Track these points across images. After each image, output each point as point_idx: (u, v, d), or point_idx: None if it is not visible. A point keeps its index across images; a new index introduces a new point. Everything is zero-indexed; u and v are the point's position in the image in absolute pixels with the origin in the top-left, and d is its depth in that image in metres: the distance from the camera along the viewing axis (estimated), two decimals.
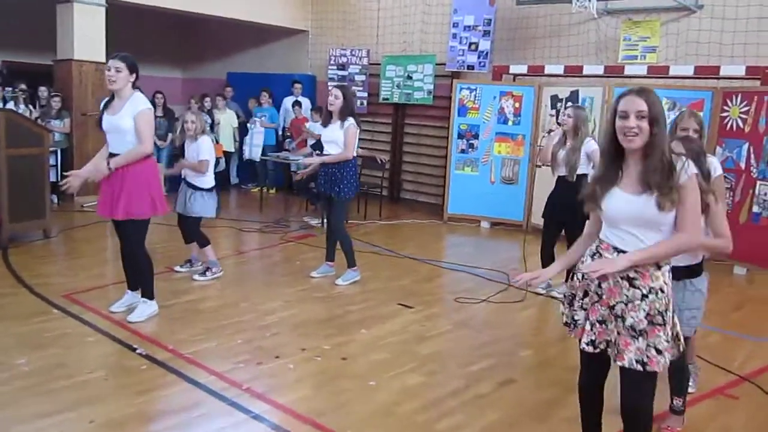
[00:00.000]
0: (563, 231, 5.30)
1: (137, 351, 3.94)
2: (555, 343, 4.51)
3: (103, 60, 8.86)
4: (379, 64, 10.09)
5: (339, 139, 5.40)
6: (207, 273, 5.53)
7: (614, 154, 2.39)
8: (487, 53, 8.85)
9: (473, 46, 8.90)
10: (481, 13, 8.82)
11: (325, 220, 7.65)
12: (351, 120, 5.39)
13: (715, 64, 7.11)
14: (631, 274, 2.37)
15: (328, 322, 4.68)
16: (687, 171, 2.32)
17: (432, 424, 3.25)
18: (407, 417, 3.31)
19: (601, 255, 2.45)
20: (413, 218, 8.89)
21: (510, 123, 8.35)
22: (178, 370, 3.71)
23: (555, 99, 8.00)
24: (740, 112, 6.71)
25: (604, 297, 2.45)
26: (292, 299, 5.12)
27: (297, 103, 10.29)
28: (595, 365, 2.59)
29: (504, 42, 8.85)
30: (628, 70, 7.55)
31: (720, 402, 3.63)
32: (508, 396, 3.61)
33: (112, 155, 4.21)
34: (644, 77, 7.51)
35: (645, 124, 2.30)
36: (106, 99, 4.40)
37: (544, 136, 5.38)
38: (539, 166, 6.00)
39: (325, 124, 5.51)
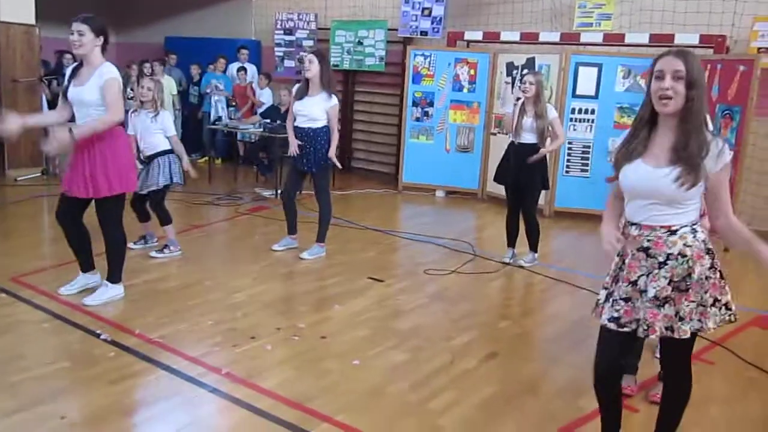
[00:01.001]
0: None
1: (101, 337, 3.69)
2: (530, 314, 4.53)
3: (33, 22, 8.35)
4: (328, 29, 9.83)
5: (319, 115, 5.21)
6: (165, 250, 5.29)
7: (647, 122, 2.29)
8: (440, 19, 8.71)
9: (426, 12, 8.76)
10: None
11: (279, 191, 7.57)
12: (334, 98, 5.23)
13: (669, 32, 7.18)
14: (645, 244, 2.32)
15: (299, 298, 4.55)
16: (723, 156, 2.22)
17: (426, 403, 3.18)
18: (399, 397, 3.23)
19: (622, 232, 2.40)
20: (367, 188, 8.80)
21: (465, 90, 8.31)
22: (149, 356, 3.49)
23: (511, 66, 7.95)
24: None
25: (624, 273, 2.38)
26: (259, 276, 4.95)
27: (242, 69, 9.98)
28: (614, 345, 2.44)
29: (458, 8, 8.74)
30: (584, 38, 7.59)
31: (698, 367, 3.67)
32: (495, 369, 3.58)
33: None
34: (600, 44, 7.58)
35: (681, 87, 2.18)
36: (74, 65, 4.04)
37: (515, 103, 5.34)
38: (505, 134, 5.99)
39: (300, 96, 5.29)
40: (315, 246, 5.51)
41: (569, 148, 7.39)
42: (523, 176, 5.32)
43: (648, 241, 2.31)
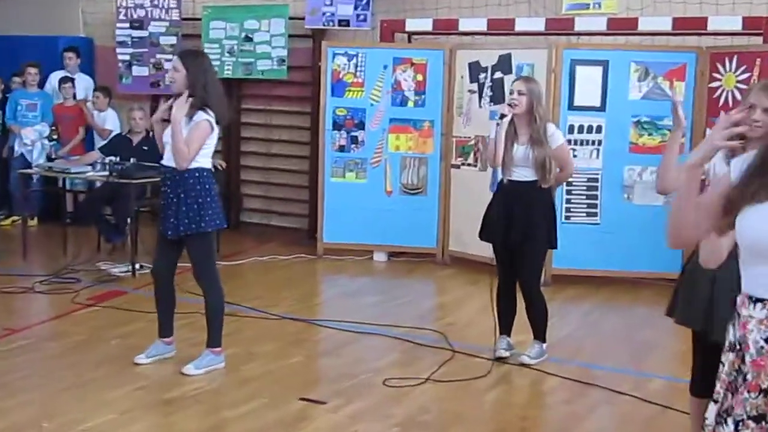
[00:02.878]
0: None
1: None
2: None
3: None
4: (199, 20, 9.70)
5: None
6: None
7: None
8: (368, 2, 8.70)
9: None
10: None
11: (138, 266, 7.46)
12: (202, 115, 5.06)
13: (699, 15, 7.26)
14: None
15: None
16: None
17: None
18: None
19: (739, 315, 2.35)
20: (270, 254, 8.64)
21: (411, 104, 8.25)
22: None
23: (476, 68, 7.92)
24: (737, 81, 6.91)
25: (749, 378, 2.29)
26: (126, 407, 4.58)
27: (67, 81, 9.70)
28: None
29: None
30: (580, 24, 7.66)
31: None
32: None
33: None
34: (603, 33, 7.67)
35: None
36: None
37: (497, 123, 5.23)
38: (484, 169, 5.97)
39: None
40: (206, 353, 5.24)
41: (568, 183, 7.28)
42: (518, 229, 5.27)
43: None
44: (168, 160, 5.18)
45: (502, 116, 5.34)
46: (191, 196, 5.13)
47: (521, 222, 5.28)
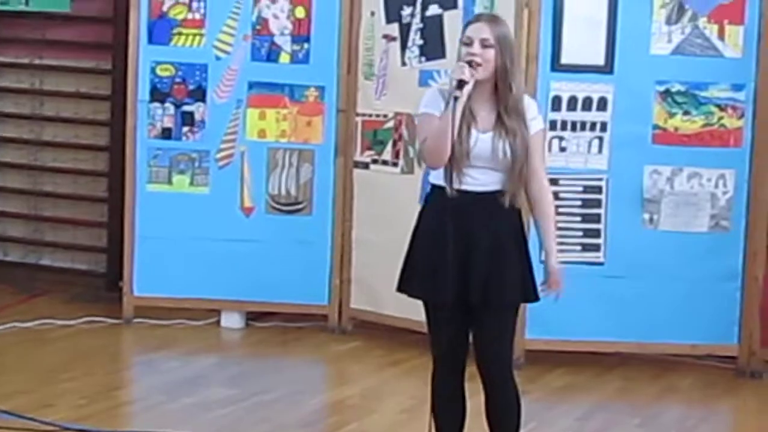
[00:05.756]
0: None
1: None
2: None
3: None
4: None
5: None
6: None
7: None
8: None
9: None
10: None
11: None
12: None
13: None
14: None
15: None
16: None
17: None
18: None
19: None
20: (43, 315, 8.40)
21: (284, 59, 8.10)
22: None
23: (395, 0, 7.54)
24: None
25: None
26: None
27: None
28: None
29: None
30: None
31: None
32: None
33: None
34: None
35: None
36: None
37: (455, 96, 5.18)
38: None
39: None
40: None
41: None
42: (477, 273, 5.12)
43: None
44: None
45: (461, 83, 5.34)
46: None
47: (482, 260, 5.11)
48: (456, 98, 4.94)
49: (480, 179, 5.13)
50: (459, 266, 5.14)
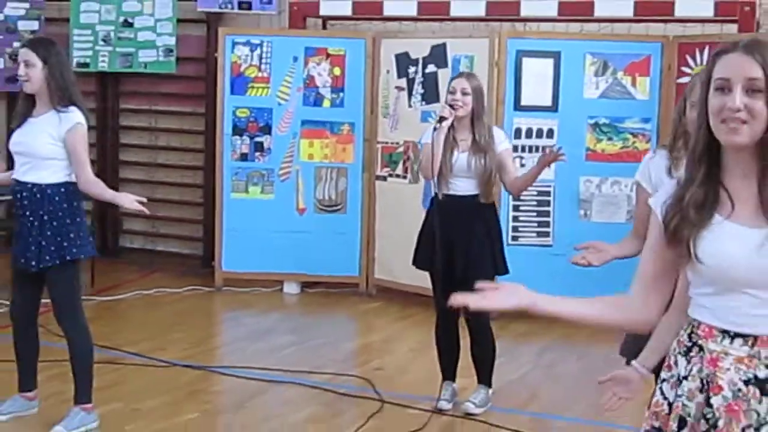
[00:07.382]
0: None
1: None
2: None
3: None
4: (67, 0, 9.46)
5: (46, 153, 4.98)
6: None
7: (709, 156, 2.43)
8: None
9: None
10: None
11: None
12: (75, 112, 5.02)
13: None
14: (761, 374, 2.35)
15: None
16: None
17: None
18: None
19: (701, 348, 2.43)
20: (157, 285, 8.61)
21: (326, 104, 8.32)
22: None
23: (405, 60, 8.00)
24: None
25: (720, 424, 2.37)
26: None
27: None
28: None
29: None
30: (527, 9, 7.72)
31: None
32: None
33: None
34: (554, 19, 7.79)
35: (760, 104, 2.30)
36: None
37: (435, 127, 5.33)
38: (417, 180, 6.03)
39: (20, 122, 5.10)
40: (75, 412, 5.12)
41: (515, 198, 7.34)
42: (460, 253, 5.40)
43: (766, 367, 2.37)
44: (24, 174, 5.07)
45: (441, 119, 5.45)
46: (58, 218, 5.06)
47: (463, 245, 5.39)
48: (435, 129, 5.40)
49: (461, 186, 5.46)
50: (446, 250, 5.44)
